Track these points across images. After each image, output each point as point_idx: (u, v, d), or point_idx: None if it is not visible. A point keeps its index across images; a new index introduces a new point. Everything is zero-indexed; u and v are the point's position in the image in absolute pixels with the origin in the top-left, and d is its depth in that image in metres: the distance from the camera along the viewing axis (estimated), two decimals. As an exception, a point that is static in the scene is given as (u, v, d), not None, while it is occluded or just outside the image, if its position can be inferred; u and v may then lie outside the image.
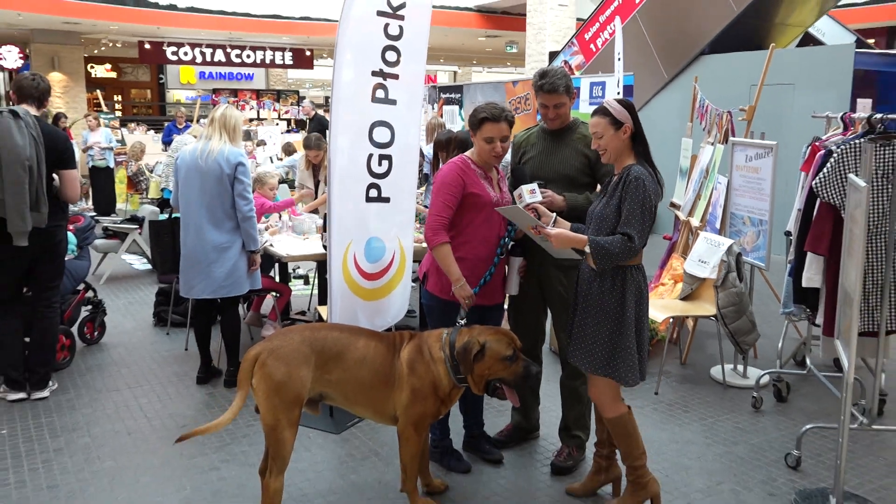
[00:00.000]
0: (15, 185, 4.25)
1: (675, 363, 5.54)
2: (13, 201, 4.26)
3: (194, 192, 4.67)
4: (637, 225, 3.10)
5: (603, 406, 3.33)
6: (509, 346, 3.21)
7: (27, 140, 4.30)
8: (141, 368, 5.32)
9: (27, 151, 4.28)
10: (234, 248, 4.71)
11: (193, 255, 4.71)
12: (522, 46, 17.87)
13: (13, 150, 4.25)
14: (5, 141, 4.26)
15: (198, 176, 4.65)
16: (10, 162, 4.24)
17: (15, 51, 20.73)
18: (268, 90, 25.40)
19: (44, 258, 4.59)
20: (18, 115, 4.34)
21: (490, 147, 3.54)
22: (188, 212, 4.72)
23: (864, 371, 4.86)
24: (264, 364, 3.10)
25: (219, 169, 4.61)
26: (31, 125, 4.37)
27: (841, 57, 9.01)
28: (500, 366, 3.19)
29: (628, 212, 3.11)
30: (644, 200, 3.10)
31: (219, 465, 3.81)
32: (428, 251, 3.71)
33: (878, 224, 3.88)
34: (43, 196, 4.38)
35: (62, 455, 3.94)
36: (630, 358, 3.19)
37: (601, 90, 7.92)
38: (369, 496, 3.53)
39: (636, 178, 3.12)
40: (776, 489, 3.65)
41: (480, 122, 3.54)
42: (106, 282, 7.93)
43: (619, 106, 3.22)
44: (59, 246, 4.68)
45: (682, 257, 5.84)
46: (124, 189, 12.69)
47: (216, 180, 4.62)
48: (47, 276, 4.67)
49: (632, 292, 3.20)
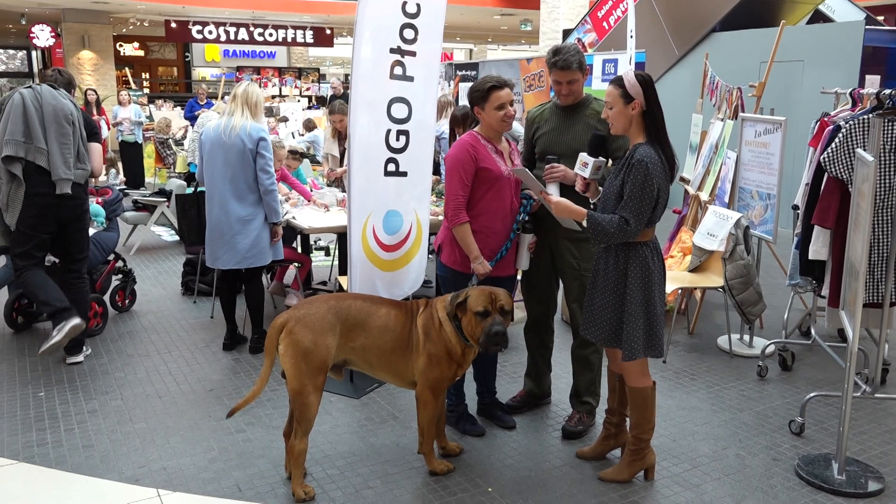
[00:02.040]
0: (60, 136, 4.49)
1: (683, 333, 5.65)
2: (59, 150, 4.48)
3: (218, 166, 4.80)
4: (634, 209, 3.10)
5: (628, 375, 3.39)
6: (485, 303, 3.28)
7: (69, 101, 4.58)
8: (170, 335, 5.49)
9: (70, 107, 4.55)
10: (258, 221, 4.85)
11: (218, 227, 4.85)
12: (537, 24, 17.83)
13: (58, 106, 4.52)
14: (48, 100, 4.51)
15: (221, 151, 4.78)
16: (56, 115, 4.50)
17: (47, 30, 21.03)
18: (289, 68, 25.56)
19: (71, 227, 4.71)
20: (56, 87, 4.61)
21: (503, 113, 3.65)
22: (213, 185, 4.86)
23: (867, 341, 4.97)
24: (292, 332, 3.21)
25: (241, 144, 4.73)
26: (66, 96, 4.62)
27: (850, 33, 9.00)
28: (475, 320, 3.28)
29: (628, 195, 3.11)
30: (644, 184, 3.07)
31: (244, 428, 3.96)
32: (443, 224, 3.84)
33: (885, 198, 3.94)
34: (84, 154, 4.62)
35: (96, 417, 4.10)
36: (635, 332, 3.23)
37: (613, 67, 7.96)
38: (387, 458, 3.67)
39: (639, 161, 3.08)
40: (780, 455, 3.76)
41: (488, 92, 3.63)
42: (136, 252, 8.17)
43: (634, 80, 3.14)
44: (85, 214, 4.82)
45: (691, 230, 5.92)
46: (152, 163, 12.88)
47: (239, 155, 4.75)
48: (76, 248, 4.80)
49: (636, 268, 3.23)
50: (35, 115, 4.44)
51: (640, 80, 3.15)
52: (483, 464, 3.63)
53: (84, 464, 3.58)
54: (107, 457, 3.65)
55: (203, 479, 3.46)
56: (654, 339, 3.28)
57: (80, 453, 3.69)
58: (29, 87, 4.57)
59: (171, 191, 8.41)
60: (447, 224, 3.73)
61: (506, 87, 3.66)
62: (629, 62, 7.23)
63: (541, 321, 4.15)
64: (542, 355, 4.23)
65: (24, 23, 21.96)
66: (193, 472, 3.52)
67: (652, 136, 3.18)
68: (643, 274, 3.24)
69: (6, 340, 5.31)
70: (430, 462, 3.52)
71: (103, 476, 3.48)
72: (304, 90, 23.87)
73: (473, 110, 3.76)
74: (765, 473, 3.58)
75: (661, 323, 3.30)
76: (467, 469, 3.58)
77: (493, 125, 3.70)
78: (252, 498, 3.31)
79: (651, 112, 3.17)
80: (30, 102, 4.45)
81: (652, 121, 3.17)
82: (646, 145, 3.15)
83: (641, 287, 3.24)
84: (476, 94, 3.70)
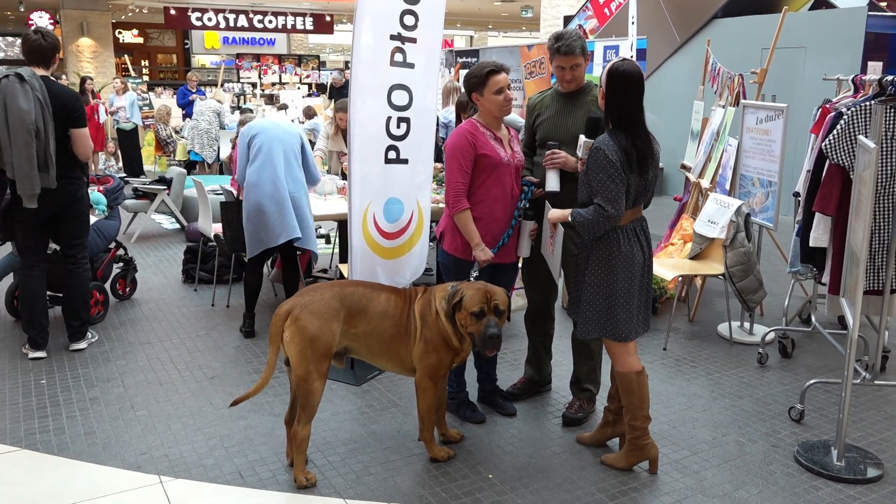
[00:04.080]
0: (22, 150, 4.31)
1: (683, 320, 5.66)
2: (21, 165, 4.33)
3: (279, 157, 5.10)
4: (604, 193, 3.15)
5: (613, 358, 3.45)
6: (480, 302, 3.27)
7: (32, 104, 4.33)
8: (171, 323, 5.51)
9: (32, 115, 4.32)
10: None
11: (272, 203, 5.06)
12: (537, 11, 17.76)
13: (19, 114, 4.29)
14: (11, 106, 4.31)
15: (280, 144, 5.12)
16: (17, 127, 4.30)
17: (45, 17, 20.99)
18: (289, 55, 25.55)
19: (67, 216, 4.69)
20: (24, 79, 4.36)
21: (502, 97, 3.65)
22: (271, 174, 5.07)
23: (867, 328, 4.98)
24: (298, 318, 3.22)
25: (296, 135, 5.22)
26: (38, 87, 4.39)
27: (853, 20, 8.96)
28: (470, 320, 3.28)
29: (595, 183, 3.18)
30: (604, 167, 3.13)
31: (246, 415, 3.97)
32: (444, 211, 3.84)
33: (886, 185, 3.93)
34: (51, 158, 4.42)
35: (98, 404, 4.12)
36: (590, 311, 3.32)
37: (615, 54, 7.93)
38: (388, 445, 3.68)
39: (595, 150, 3.18)
40: (779, 441, 3.77)
41: (487, 77, 3.64)
42: (136, 240, 8.16)
43: (608, 70, 3.21)
44: (80, 202, 4.75)
45: (692, 218, 5.92)
46: (152, 151, 12.85)
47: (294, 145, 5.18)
48: (73, 234, 4.78)
49: (599, 250, 3.28)
50: (2, 123, 4.33)
51: (610, 70, 3.22)
52: (483, 450, 3.65)
53: (86, 451, 3.60)
54: (109, 444, 3.67)
55: (205, 466, 3.47)
56: (612, 322, 3.32)
57: (82, 440, 3.70)
58: None
59: (170, 178, 8.39)
60: (448, 211, 3.73)
61: (503, 72, 3.67)
62: (630, 49, 7.21)
63: (541, 308, 4.16)
64: (543, 342, 4.24)
65: (22, 10, 21.88)
66: (195, 459, 3.53)
67: (614, 124, 3.24)
68: (605, 255, 3.28)
69: (7, 328, 5.31)
70: (430, 449, 3.53)
71: (105, 463, 3.49)
72: (305, 78, 23.84)
73: (472, 97, 3.75)
74: (764, 460, 3.59)
75: (629, 307, 3.31)
76: (468, 456, 3.59)
77: (492, 110, 3.69)
78: (254, 484, 3.33)
79: (611, 102, 3.22)
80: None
81: (612, 110, 3.23)
82: (606, 134, 3.23)
83: (601, 268, 3.29)
84: (474, 80, 3.69)
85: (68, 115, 4.55)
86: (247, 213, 5.08)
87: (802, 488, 3.35)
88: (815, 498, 3.28)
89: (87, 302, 4.99)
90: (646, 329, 3.45)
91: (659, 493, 3.30)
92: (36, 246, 4.74)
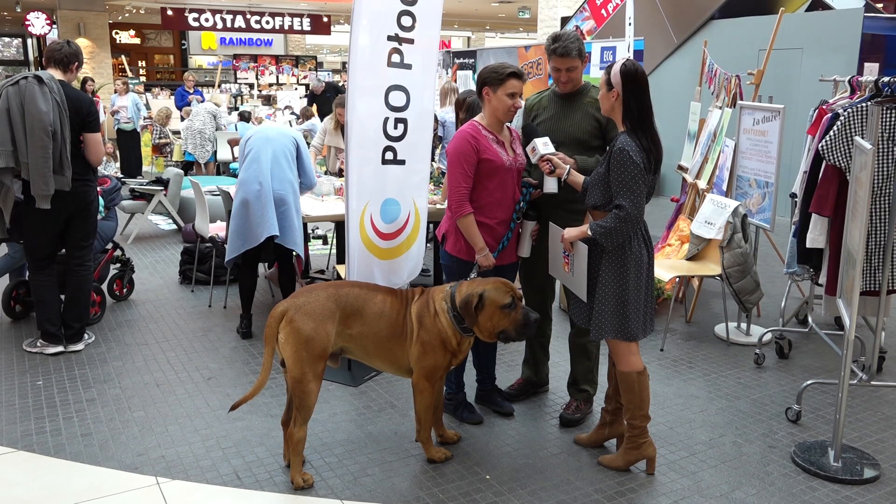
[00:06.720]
0: (39, 150, 4.36)
1: (680, 321, 5.67)
2: (36, 165, 4.37)
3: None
4: (626, 193, 3.14)
5: (616, 357, 3.44)
6: (507, 294, 3.28)
7: (51, 105, 4.40)
8: (168, 324, 5.50)
9: (50, 117, 4.38)
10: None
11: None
12: (535, 12, 17.79)
13: (37, 115, 4.34)
14: (29, 107, 4.35)
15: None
16: (34, 128, 4.34)
17: (42, 17, 20.95)
18: (286, 56, 25.60)
19: (77, 218, 4.75)
20: (43, 81, 4.43)
21: (512, 102, 3.62)
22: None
23: (864, 329, 4.98)
24: (292, 320, 3.21)
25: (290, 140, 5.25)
26: (56, 90, 4.46)
27: (849, 21, 8.98)
28: (500, 314, 3.27)
29: (616, 183, 3.17)
30: (629, 167, 3.12)
31: (243, 416, 3.96)
32: (446, 213, 3.83)
33: (882, 186, 3.94)
34: (66, 160, 4.49)
35: (95, 405, 4.11)
36: (604, 312, 3.31)
37: (612, 55, 7.95)
38: (385, 446, 3.68)
39: (619, 150, 3.15)
40: (776, 442, 3.77)
41: (508, 77, 3.59)
42: (133, 241, 8.16)
43: (618, 69, 3.20)
44: (90, 206, 4.83)
45: (689, 219, 5.93)
46: (150, 152, 12.86)
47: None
48: (80, 236, 4.82)
49: (612, 250, 3.27)
50: (19, 123, 4.35)
51: (623, 71, 3.20)
52: (481, 451, 3.65)
53: (83, 452, 3.59)
54: (106, 445, 3.66)
55: (202, 467, 3.47)
56: (625, 322, 3.32)
57: (78, 441, 3.70)
58: (16, 83, 4.42)
59: (167, 179, 8.38)
60: (451, 215, 3.73)
61: (522, 79, 3.64)
62: (627, 50, 7.22)
63: (539, 309, 4.15)
64: (540, 343, 4.24)
65: (19, 10, 21.86)
66: (192, 460, 3.53)
67: (631, 125, 3.23)
68: (618, 256, 3.28)
69: (4, 329, 5.31)
70: (427, 450, 3.53)
71: (102, 464, 3.49)
72: (302, 78, 23.86)
73: (482, 91, 3.67)
74: (761, 461, 3.60)
75: (638, 307, 3.32)
76: (465, 457, 3.59)
77: (498, 111, 3.66)
78: (251, 485, 3.32)
79: (628, 103, 3.21)
80: (15, 107, 4.34)
81: (630, 111, 3.22)
82: (625, 134, 3.21)
83: (615, 268, 3.29)
84: (493, 74, 3.62)
85: (83, 120, 4.63)
86: (233, 210, 5.09)
87: (799, 489, 3.35)
88: (811, 498, 3.28)
89: (88, 304, 5.00)
90: (651, 329, 3.45)
91: (656, 493, 3.30)
92: (48, 248, 4.78)
